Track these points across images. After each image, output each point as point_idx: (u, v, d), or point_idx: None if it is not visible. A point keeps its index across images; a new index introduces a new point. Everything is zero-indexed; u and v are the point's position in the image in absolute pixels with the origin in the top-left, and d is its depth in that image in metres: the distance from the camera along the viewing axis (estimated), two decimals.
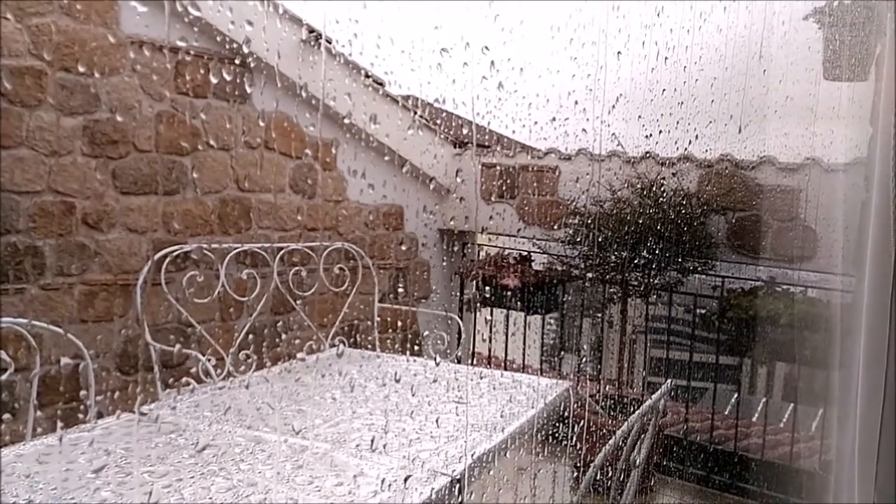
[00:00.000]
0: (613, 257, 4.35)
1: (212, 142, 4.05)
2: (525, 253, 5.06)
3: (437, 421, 2.36)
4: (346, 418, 2.37)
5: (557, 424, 2.58)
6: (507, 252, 5.16)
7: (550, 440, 2.57)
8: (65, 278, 3.49)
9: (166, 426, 2.26)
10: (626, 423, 1.77)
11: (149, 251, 3.75)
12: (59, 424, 3.25)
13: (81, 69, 3.46)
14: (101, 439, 2.14)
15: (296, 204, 4.57)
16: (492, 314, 5.47)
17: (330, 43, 4.48)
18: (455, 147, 5.59)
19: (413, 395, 2.67)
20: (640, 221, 4.19)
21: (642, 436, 1.91)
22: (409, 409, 2.50)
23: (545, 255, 5.04)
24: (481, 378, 2.96)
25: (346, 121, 4.78)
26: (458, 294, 5.71)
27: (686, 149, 4.39)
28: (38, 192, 3.36)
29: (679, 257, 4.21)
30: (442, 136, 5.51)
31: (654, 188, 4.33)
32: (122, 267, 3.68)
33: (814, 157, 4.04)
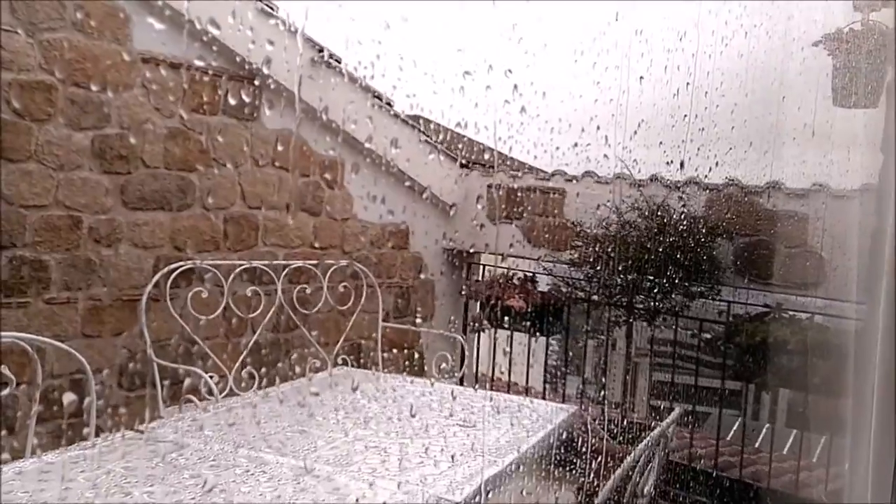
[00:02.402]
0: (619, 280, 4.32)
1: (220, 159, 4.06)
2: (530, 274, 5.05)
3: (441, 444, 2.34)
4: (350, 440, 2.34)
5: (563, 450, 2.55)
6: (512, 273, 5.14)
7: (556, 466, 2.54)
8: (70, 293, 3.48)
9: (167, 445, 2.24)
10: (634, 452, 1.74)
11: (155, 267, 3.74)
12: (60, 441, 3.22)
13: (92, 85, 3.47)
14: (101, 458, 2.12)
15: (302, 221, 4.57)
16: (496, 335, 5.44)
17: (339, 62, 4.50)
18: (462, 167, 5.59)
19: (417, 418, 2.64)
20: (647, 245, 4.18)
21: (650, 464, 1.88)
22: (413, 432, 2.48)
23: (551, 277, 5.02)
24: (486, 401, 2.94)
25: (355, 140, 4.78)
26: (463, 314, 5.68)
27: (706, 175, 4.35)
28: (46, 206, 3.36)
29: (686, 281, 4.19)
30: (450, 157, 5.52)
31: (660, 212, 4.31)
32: (128, 282, 3.67)
33: (825, 183, 4.02)
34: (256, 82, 4.19)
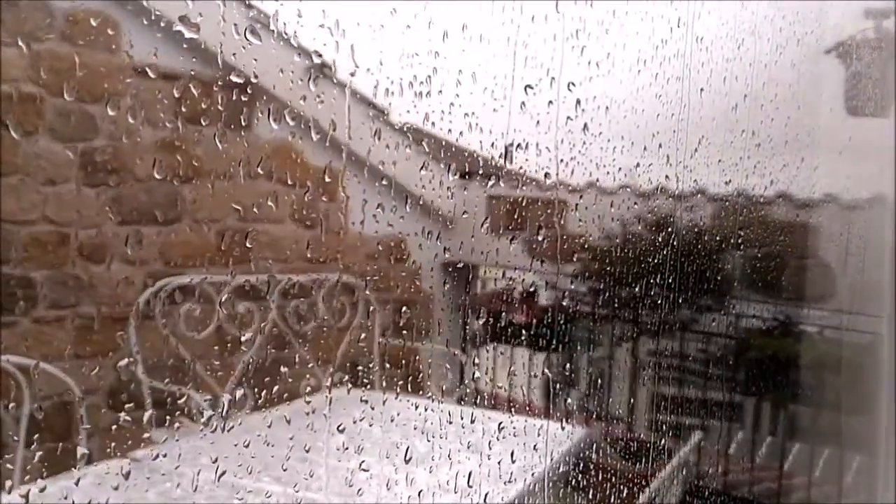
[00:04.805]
0: (625, 294, 4.23)
1: (213, 171, 3.94)
2: (532, 288, 4.94)
3: (447, 471, 2.23)
4: (353, 468, 2.23)
5: (576, 474, 2.44)
6: (513, 286, 5.03)
7: (569, 491, 2.43)
8: (58, 311, 3.36)
9: (159, 475, 2.12)
10: (653, 484, 1.64)
11: (145, 283, 3.62)
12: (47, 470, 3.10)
13: (81, 96, 3.36)
14: (89, 489, 2.00)
15: (297, 235, 4.46)
16: (496, 350, 5.32)
17: (332, 70, 4.40)
18: (461, 178, 5.49)
19: (419, 441, 2.52)
20: (654, 258, 4.08)
21: (671, 490, 1.78)
22: (418, 457, 2.36)
23: (553, 291, 4.92)
24: (492, 422, 2.82)
25: (352, 150, 4.67)
26: (462, 329, 5.56)
27: (754, 194, 4.12)
28: (33, 221, 3.24)
29: (696, 296, 4.10)
30: (448, 167, 5.41)
31: (668, 224, 4.22)
32: (117, 299, 3.55)
33: (832, 193, 3.92)
34: (250, 91, 4.08)
